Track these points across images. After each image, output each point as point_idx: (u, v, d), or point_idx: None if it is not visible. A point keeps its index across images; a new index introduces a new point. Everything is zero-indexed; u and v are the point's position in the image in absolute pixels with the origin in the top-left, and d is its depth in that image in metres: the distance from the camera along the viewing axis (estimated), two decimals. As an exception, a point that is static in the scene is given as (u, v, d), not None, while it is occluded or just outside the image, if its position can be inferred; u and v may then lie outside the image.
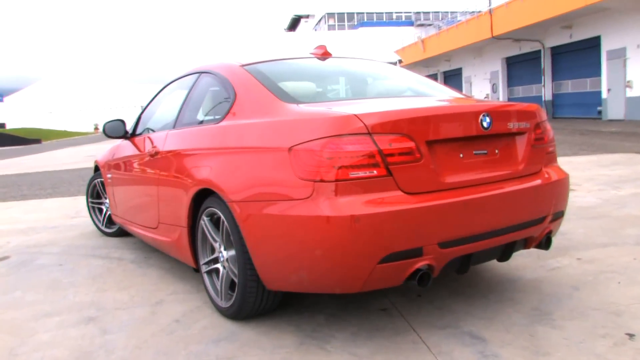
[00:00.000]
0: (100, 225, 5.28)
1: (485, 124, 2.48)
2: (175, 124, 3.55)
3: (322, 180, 2.19)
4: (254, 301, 2.66)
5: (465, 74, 31.35)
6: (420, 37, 34.52)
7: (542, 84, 23.81)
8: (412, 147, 2.28)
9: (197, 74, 3.57)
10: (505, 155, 2.64)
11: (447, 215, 2.30)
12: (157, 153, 3.57)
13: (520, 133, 2.69)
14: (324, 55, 3.45)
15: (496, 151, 2.61)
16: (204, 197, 2.90)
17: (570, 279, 3.16)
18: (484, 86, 28.82)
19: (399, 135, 2.27)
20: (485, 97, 28.23)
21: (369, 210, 2.16)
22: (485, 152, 2.57)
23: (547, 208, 2.70)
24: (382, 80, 3.42)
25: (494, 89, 27.86)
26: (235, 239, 2.62)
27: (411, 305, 2.91)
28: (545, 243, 2.77)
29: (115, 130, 4.17)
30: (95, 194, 5.34)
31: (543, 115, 2.87)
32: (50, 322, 2.97)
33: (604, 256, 3.55)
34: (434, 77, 36.14)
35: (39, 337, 2.78)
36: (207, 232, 2.92)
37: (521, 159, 2.68)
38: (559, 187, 2.81)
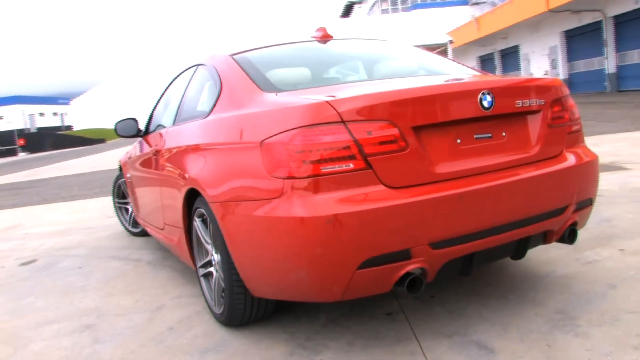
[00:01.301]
0: (127, 225, 5.26)
1: (485, 104, 2.15)
2: (174, 120, 3.40)
3: (292, 177, 1.95)
4: (243, 308, 2.46)
5: (522, 51, 29.92)
6: (474, 16, 33.25)
7: (605, 56, 22.33)
8: (396, 134, 2.00)
9: (195, 67, 3.40)
10: (515, 138, 2.30)
11: (439, 211, 2.00)
12: (157, 152, 3.44)
13: (532, 112, 2.34)
14: (324, 38, 3.18)
15: (503, 134, 2.27)
16: (195, 196, 2.73)
17: (608, 274, 2.78)
18: (542, 63, 27.39)
19: (379, 122, 1.98)
20: (544, 74, 26.85)
21: (343, 209, 1.90)
22: (490, 135, 2.23)
23: (569, 196, 2.34)
24: (386, 61, 3.11)
25: (553, 64, 26.42)
26: (218, 242, 2.43)
27: (421, 308, 2.63)
28: (568, 237, 2.41)
29: (127, 129, 4.07)
30: (121, 194, 5.32)
31: (563, 90, 2.49)
32: (48, 331, 2.90)
33: (652, 246, 3.12)
34: (490, 56, 34.80)
35: (32, 346, 2.71)
36: (199, 233, 2.75)
37: (535, 141, 2.33)
38: (585, 172, 2.44)
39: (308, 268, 1.96)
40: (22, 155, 40.90)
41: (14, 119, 51.38)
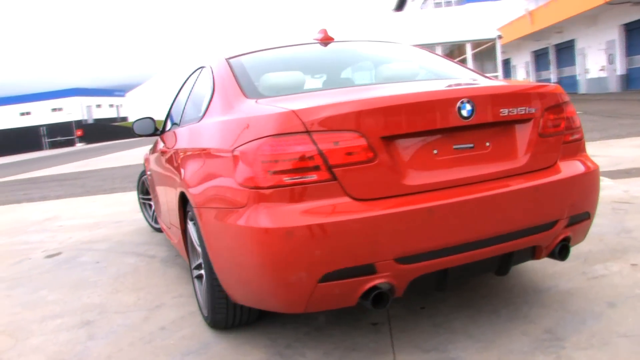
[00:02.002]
0: (149, 220, 5.38)
1: (464, 113, 2.06)
2: (180, 121, 3.45)
3: (257, 187, 1.94)
4: (225, 313, 2.48)
5: (578, 45, 28.71)
6: (528, 9, 32.16)
7: (668, 50, 21.15)
8: (363, 145, 1.95)
9: (200, 68, 3.44)
10: (501, 148, 2.20)
11: (406, 225, 1.93)
12: (163, 152, 3.50)
13: (521, 120, 2.23)
14: (325, 40, 3.14)
15: (487, 144, 2.18)
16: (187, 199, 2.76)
17: (611, 291, 2.63)
18: (599, 57, 26.21)
19: (345, 133, 1.94)
20: (600, 70, 25.72)
21: (304, 221, 1.87)
22: (471, 145, 2.14)
23: (560, 211, 2.22)
24: (384, 65, 3.02)
25: (610, 59, 25.24)
26: (201, 245, 2.45)
27: (408, 319, 2.57)
28: (559, 253, 2.29)
29: (145, 128, 4.14)
30: (145, 189, 5.45)
31: (560, 97, 2.36)
32: (51, 325, 3.01)
33: (668, 262, 2.93)
34: (544, 51, 33.59)
35: (31, 340, 2.81)
36: (191, 236, 2.78)
37: (524, 152, 2.22)
38: (580, 184, 2.31)
39: (270, 279, 1.95)
40: (79, 146, 42.61)
41: (72, 110, 53.56)
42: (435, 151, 2.08)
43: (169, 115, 4.24)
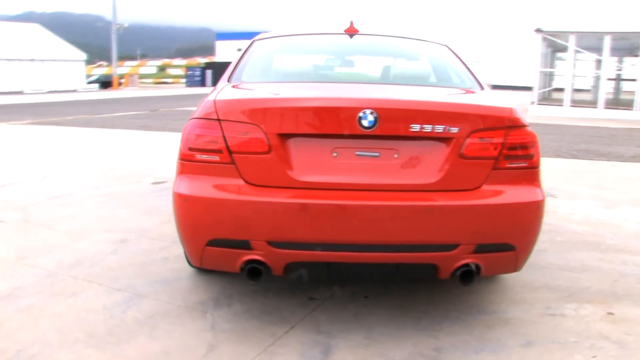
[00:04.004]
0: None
1: (365, 123, 2.16)
2: None
3: (181, 159, 2.34)
4: None
5: None
6: None
7: None
8: (260, 138, 2.20)
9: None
10: (410, 162, 2.24)
11: (280, 214, 2.17)
12: None
13: (439, 138, 2.23)
14: (349, 31, 3.27)
15: (395, 155, 2.24)
16: None
17: (548, 332, 2.51)
18: None
19: (247, 125, 2.22)
20: None
21: (198, 192, 2.24)
22: (377, 154, 2.23)
23: (460, 235, 2.20)
24: (372, 63, 3.11)
25: None
26: None
27: (342, 303, 2.77)
28: (460, 277, 2.27)
29: None
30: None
31: (500, 121, 2.27)
32: (100, 236, 3.80)
33: (653, 321, 2.62)
34: None
35: (79, 244, 3.62)
36: None
37: (437, 170, 2.23)
38: (497, 213, 2.24)
39: (180, 235, 2.40)
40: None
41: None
42: (335, 154, 2.23)
43: None
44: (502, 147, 2.27)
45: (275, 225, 2.19)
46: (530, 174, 2.34)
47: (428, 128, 2.20)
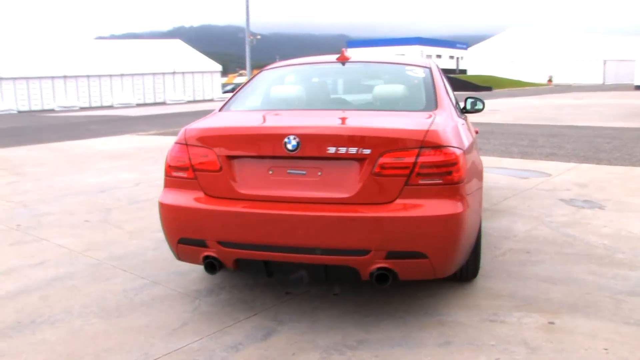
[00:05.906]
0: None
1: (289, 146, 2.62)
2: None
3: (164, 174, 3.00)
4: None
5: None
6: None
7: None
8: (214, 159, 2.78)
9: None
10: (331, 179, 2.66)
11: (228, 220, 2.72)
12: None
13: (354, 158, 2.61)
14: (340, 59, 3.68)
15: (319, 173, 2.67)
16: None
17: (472, 336, 2.73)
18: None
19: (205, 149, 2.82)
20: None
21: (169, 201, 2.89)
22: (304, 172, 2.68)
23: (369, 242, 2.56)
24: (351, 92, 3.51)
25: None
26: None
27: (310, 299, 3.21)
28: (376, 279, 2.62)
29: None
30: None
31: (411, 142, 2.59)
32: (145, 236, 4.58)
33: (594, 329, 2.71)
34: None
35: (128, 242, 4.44)
36: None
37: (354, 186, 2.62)
38: (408, 225, 2.55)
39: (164, 234, 3.02)
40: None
41: (413, 57, 57.46)
42: (271, 172, 2.73)
43: None
44: (414, 166, 2.58)
45: (224, 229, 2.75)
46: (448, 190, 2.62)
47: (343, 150, 2.61)
